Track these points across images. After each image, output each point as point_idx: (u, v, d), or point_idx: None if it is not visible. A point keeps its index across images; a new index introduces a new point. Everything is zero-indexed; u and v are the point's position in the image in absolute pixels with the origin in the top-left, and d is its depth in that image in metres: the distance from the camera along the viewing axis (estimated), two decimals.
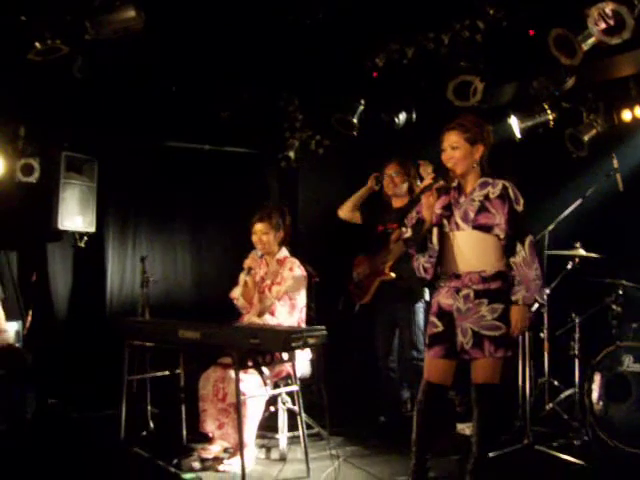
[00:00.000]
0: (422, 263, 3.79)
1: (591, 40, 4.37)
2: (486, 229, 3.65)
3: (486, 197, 3.67)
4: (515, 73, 5.29)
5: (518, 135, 5.66)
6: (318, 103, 6.29)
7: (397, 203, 5.35)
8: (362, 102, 5.91)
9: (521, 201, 3.67)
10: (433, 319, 3.79)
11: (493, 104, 5.45)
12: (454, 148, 3.69)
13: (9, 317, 5.94)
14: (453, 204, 3.76)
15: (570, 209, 5.07)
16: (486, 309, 3.60)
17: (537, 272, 3.59)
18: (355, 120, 5.89)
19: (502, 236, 3.63)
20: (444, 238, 3.76)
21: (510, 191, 3.67)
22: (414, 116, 5.83)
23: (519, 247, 3.59)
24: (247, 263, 4.96)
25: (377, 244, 5.35)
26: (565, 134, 5.53)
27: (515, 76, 5.34)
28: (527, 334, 4.93)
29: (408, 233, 3.89)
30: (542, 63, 4.95)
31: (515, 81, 5.42)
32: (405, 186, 5.27)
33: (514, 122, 5.64)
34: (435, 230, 3.76)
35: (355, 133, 5.94)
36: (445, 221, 3.76)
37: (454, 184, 3.80)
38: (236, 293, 4.98)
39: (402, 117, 5.81)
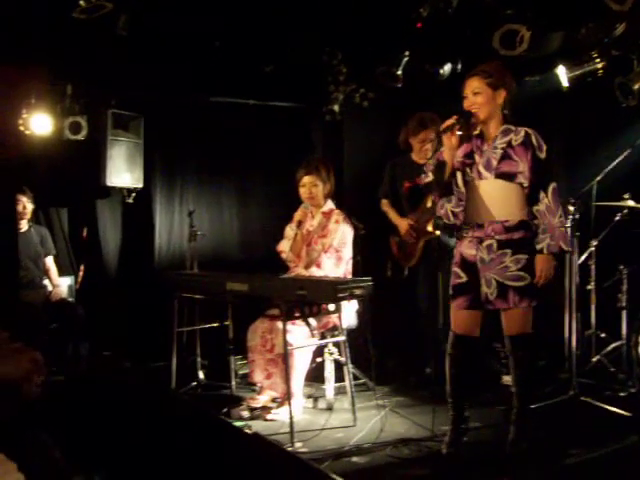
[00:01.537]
0: (450, 209, 3.72)
1: None
2: (509, 177, 3.61)
3: (509, 144, 3.63)
4: (563, 21, 5.15)
5: (566, 84, 5.54)
6: (362, 56, 6.23)
7: (422, 160, 5.14)
8: (406, 53, 5.82)
9: (544, 148, 3.62)
10: (456, 270, 3.79)
11: (540, 53, 5.33)
12: (476, 94, 3.64)
13: (62, 272, 6.10)
14: (475, 152, 3.72)
15: (619, 159, 4.98)
16: (510, 260, 3.59)
17: (561, 219, 3.57)
18: (400, 72, 5.81)
19: (525, 184, 3.60)
20: (467, 187, 3.72)
21: (533, 138, 3.62)
22: (459, 67, 5.74)
23: (542, 195, 3.56)
24: (298, 216, 4.99)
25: (410, 202, 5.30)
26: (614, 83, 5.41)
27: (563, 24, 5.20)
28: (574, 285, 4.89)
29: (429, 177, 3.86)
30: (591, 10, 4.83)
31: (563, 29, 5.27)
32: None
33: (562, 71, 5.51)
34: (459, 174, 3.71)
35: (400, 85, 5.87)
36: (467, 169, 3.72)
37: (477, 132, 3.76)
38: (283, 246, 5.02)
39: (447, 68, 5.72)
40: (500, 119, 3.71)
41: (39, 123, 5.75)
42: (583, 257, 5.08)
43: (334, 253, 4.78)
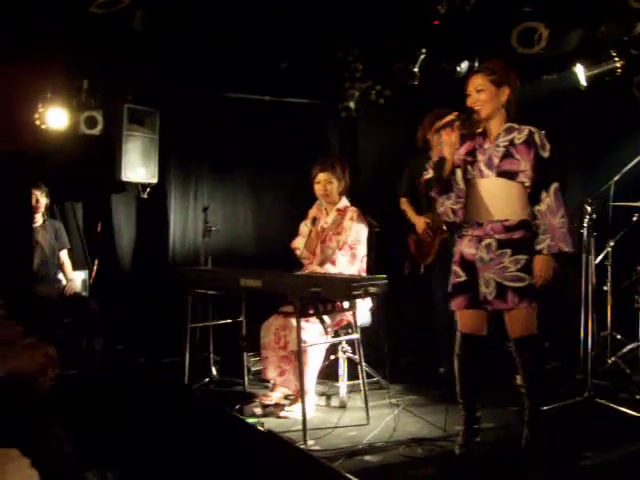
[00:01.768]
0: (449, 206, 3.69)
1: None
2: (510, 176, 3.57)
3: (511, 143, 3.59)
4: (582, 18, 5.11)
5: (584, 83, 5.50)
6: (378, 53, 6.21)
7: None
8: (423, 51, 5.80)
9: (547, 147, 3.57)
10: (456, 268, 3.76)
11: (558, 52, 5.29)
12: (479, 91, 3.60)
13: (76, 267, 6.12)
14: (477, 150, 3.68)
15: (637, 159, 4.93)
16: (509, 260, 3.54)
17: (563, 220, 3.50)
18: (416, 69, 5.79)
19: (527, 183, 3.55)
20: (468, 185, 3.68)
21: (536, 136, 3.58)
22: (477, 65, 5.71)
23: (544, 195, 3.51)
24: (312, 213, 4.99)
25: (427, 200, 5.28)
26: (633, 82, 5.36)
27: (582, 22, 5.16)
28: (590, 286, 4.86)
29: (429, 174, 3.81)
30: (611, 7, 4.79)
31: (582, 27, 5.23)
32: None
33: (580, 70, 5.48)
34: (459, 171, 3.67)
35: (416, 83, 5.85)
36: (469, 167, 3.68)
37: (479, 130, 3.72)
38: (298, 243, 5.01)
39: (464, 65, 5.70)
40: (503, 117, 3.66)
41: (55, 117, 5.77)
42: (600, 257, 5.04)
43: (348, 250, 4.77)
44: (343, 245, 4.78)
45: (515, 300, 3.53)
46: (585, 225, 4.65)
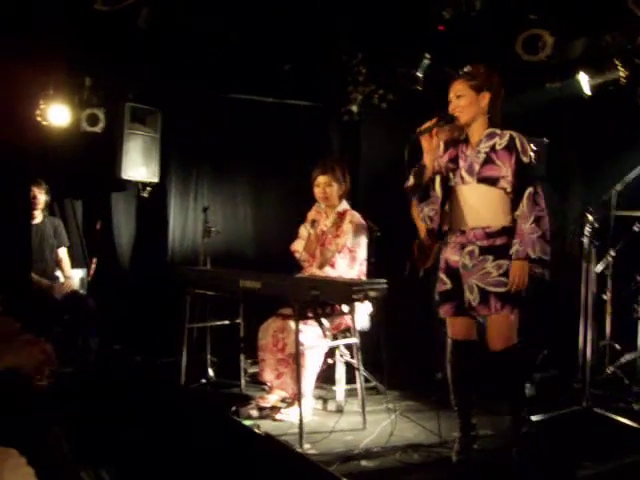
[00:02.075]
0: (426, 213, 3.70)
1: None
2: (491, 182, 3.55)
3: (492, 148, 3.56)
4: (587, 27, 5.11)
5: (587, 92, 5.49)
6: (382, 57, 6.20)
7: None
8: (427, 56, 5.79)
9: (529, 152, 3.54)
10: (442, 276, 3.76)
11: (562, 59, 5.29)
12: (459, 97, 3.59)
13: (74, 264, 6.10)
14: (460, 156, 3.66)
15: (639, 169, 4.93)
16: (491, 265, 3.53)
17: (533, 225, 3.44)
18: (420, 74, 5.78)
19: (509, 189, 3.53)
20: (451, 192, 3.68)
21: (517, 141, 3.54)
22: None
23: (522, 200, 3.48)
24: (311, 215, 4.98)
25: None
26: (637, 92, 5.35)
27: (587, 30, 5.16)
28: (590, 295, 4.84)
29: (410, 181, 3.79)
30: (616, 16, 4.78)
31: (586, 35, 5.23)
32: None
33: (583, 78, 5.46)
34: (438, 178, 3.67)
35: (420, 88, 5.84)
36: (451, 174, 3.67)
37: (462, 136, 3.70)
38: (297, 246, 4.99)
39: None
40: (485, 122, 3.63)
41: (57, 114, 5.77)
42: (600, 266, 5.02)
43: (348, 253, 4.75)
44: (342, 248, 4.76)
45: (497, 306, 3.51)
46: (586, 234, 4.64)
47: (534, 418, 4.26)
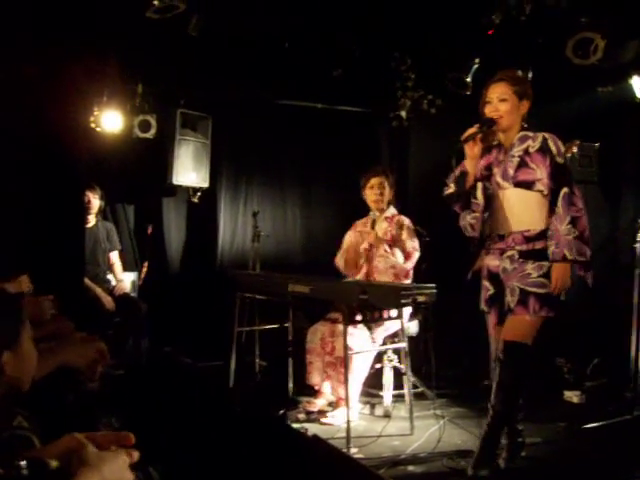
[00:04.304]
0: (468, 220, 3.68)
1: None
2: (527, 185, 3.51)
3: (525, 152, 3.52)
4: (639, 29, 5.04)
5: None
6: (431, 62, 6.19)
7: None
8: (477, 61, 5.76)
9: (562, 152, 3.49)
10: (485, 283, 3.73)
11: (615, 63, 5.21)
12: (502, 100, 3.53)
13: (126, 268, 6.19)
14: (494, 163, 3.63)
15: None
16: (532, 267, 3.48)
17: (569, 226, 3.37)
18: (469, 79, 5.76)
19: (545, 192, 3.48)
20: (489, 199, 3.64)
21: (550, 143, 3.48)
22: (530, 75, 5.64)
23: (558, 201, 3.42)
24: (359, 225, 5.01)
25: None
26: None
27: (639, 33, 5.09)
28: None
29: (450, 189, 3.77)
30: None
31: (639, 38, 5.16)
32: None
33: (636, 82, 5.39)
34: (480, 185, 3.63)
35: (469, 92, 5.81)
36: (487, 181, 3.64)
37: (495, 142, 3.66)
38: (340, 261, 5.03)
39: None
40: (518, 130, 3.60)
41: (110, 121, 5.86)
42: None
43: (413, 251, 4.83)
44: (412, 251, 4.83)
45: (536, 307, 3.46)
46: (638, 240, 4.58)
47: (585, 426, 4.21)
